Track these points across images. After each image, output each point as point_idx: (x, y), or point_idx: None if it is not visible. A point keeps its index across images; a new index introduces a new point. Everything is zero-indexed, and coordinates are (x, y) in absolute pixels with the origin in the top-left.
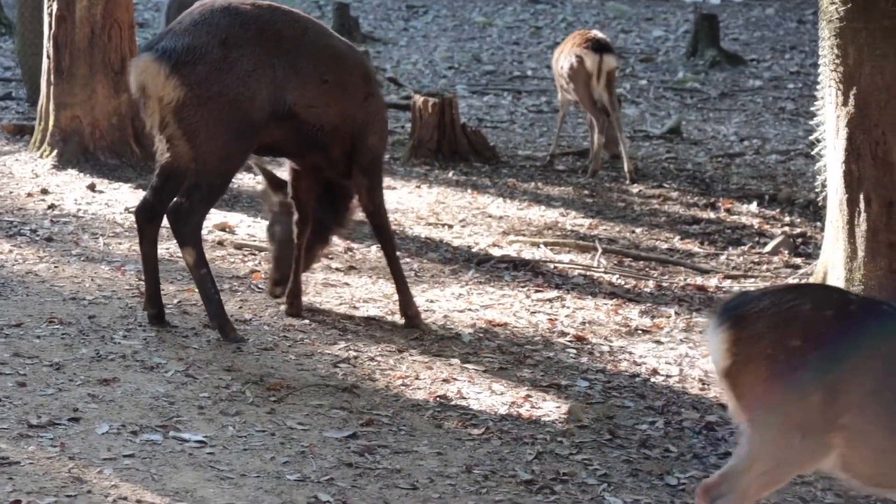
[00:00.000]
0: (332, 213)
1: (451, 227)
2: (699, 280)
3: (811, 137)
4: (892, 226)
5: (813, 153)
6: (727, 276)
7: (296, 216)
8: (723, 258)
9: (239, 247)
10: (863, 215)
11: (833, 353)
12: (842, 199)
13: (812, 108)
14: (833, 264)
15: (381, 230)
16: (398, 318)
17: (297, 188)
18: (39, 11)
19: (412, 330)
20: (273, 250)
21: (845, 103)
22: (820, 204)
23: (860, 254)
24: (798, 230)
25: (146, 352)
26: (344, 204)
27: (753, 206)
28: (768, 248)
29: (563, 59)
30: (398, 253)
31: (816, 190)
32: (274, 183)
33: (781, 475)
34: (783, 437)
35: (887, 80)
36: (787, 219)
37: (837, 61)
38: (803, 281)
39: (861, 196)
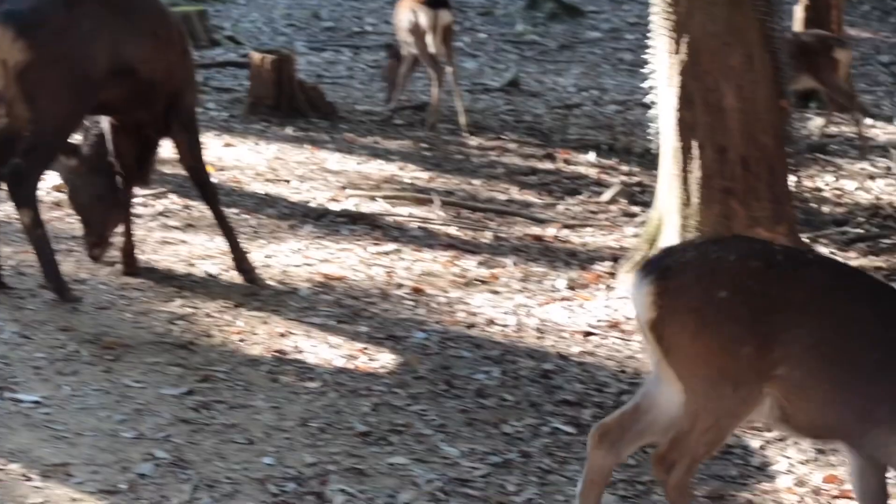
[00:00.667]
0: (137, 170)
1: (289, 182)
2: (536, 230)
3: (643, 84)
4: (725, 172)
5: (647, 101)
6: (565, 226)
7: (120, 177)
8: (560, 208)
9: None
10: (696, 162)
11: (763, 306)
12: (675, 147)
13: (646, 57)
14: (668, 211)
15: (203, 186)
16: (235, 275)
17: (119, 146)
18: None
19: (249, 286)
20: (80, 215)
21: (677, 51)
22: (654, 152)
23: (694, 200)
24: (635, 179)
25: None
26: (149, 160)
27: (591, 156)
28: (605, 197)
29: (402, 14)
30: (234, 209)
31: (650, 138)
32: (65, 148)
33: (724, 429)
34: (715, 389)
35: (718, 27)
36: (624, 168)
37: (669, 10)
38: (642, 228)
39: (694, 143)
